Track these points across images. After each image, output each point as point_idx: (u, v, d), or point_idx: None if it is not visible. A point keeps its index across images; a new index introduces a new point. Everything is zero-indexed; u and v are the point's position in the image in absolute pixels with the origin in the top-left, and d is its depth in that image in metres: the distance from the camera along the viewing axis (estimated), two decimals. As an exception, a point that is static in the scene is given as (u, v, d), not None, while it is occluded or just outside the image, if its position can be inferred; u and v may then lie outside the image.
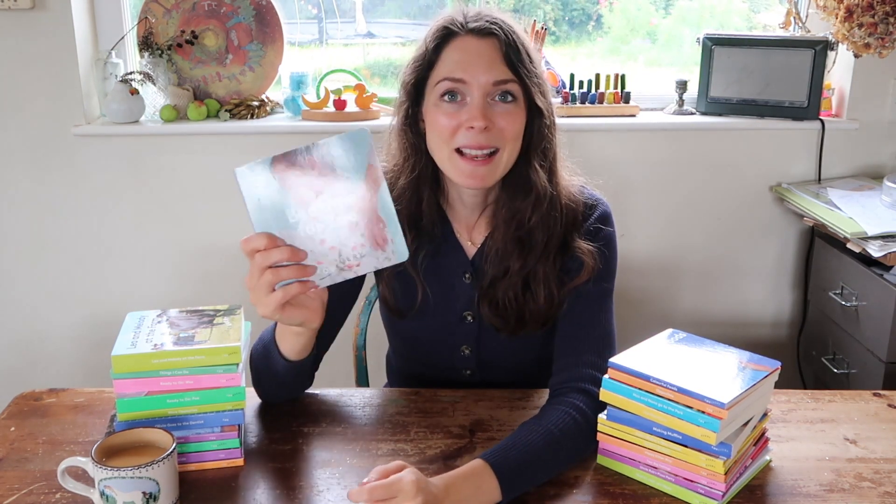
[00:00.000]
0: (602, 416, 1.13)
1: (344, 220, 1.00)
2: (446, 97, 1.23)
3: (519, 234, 1.28)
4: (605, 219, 1.33)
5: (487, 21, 1.24)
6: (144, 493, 0.99)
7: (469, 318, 1.34)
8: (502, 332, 1.31)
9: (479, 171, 1.23)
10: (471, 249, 1.35)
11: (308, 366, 1.24)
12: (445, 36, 1.25)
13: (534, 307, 1.29)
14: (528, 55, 1.24)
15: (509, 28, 1.24)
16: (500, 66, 1.22)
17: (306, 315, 1.08)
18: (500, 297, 1.29)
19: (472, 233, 1.35)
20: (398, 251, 1.02)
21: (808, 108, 2.34)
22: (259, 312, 1.04)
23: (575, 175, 1.37)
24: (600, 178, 1.40)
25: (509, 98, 1.23)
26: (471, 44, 1.24)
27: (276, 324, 1.20)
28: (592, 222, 1.32)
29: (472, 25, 1.24)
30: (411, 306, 1.33)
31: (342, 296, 1.32)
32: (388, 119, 1.37)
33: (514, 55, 1.22)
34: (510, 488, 1.05)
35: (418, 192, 1.30)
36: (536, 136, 1.27)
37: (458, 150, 1.23)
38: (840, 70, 2.41)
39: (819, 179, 2.41)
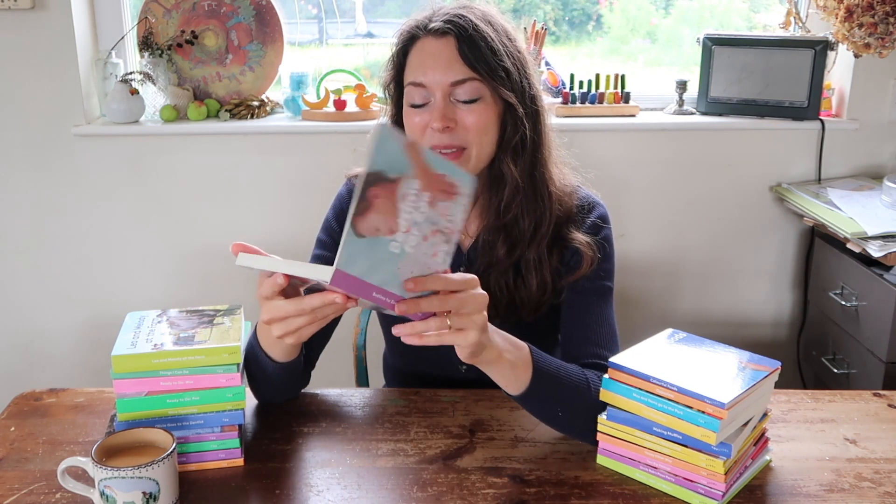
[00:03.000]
0: (602, 416, 1.13)
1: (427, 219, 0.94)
2: (413, 102, 1.25)
3: (502, 223, 1.29)
4: (604, 218, 1.35)
5: (444, 20, 1.23)
6: (144, 493, 0.99)
7: None
8: (495, 319, 1.31)
9: None
10: (466, 243, 1.36)
11: (298, 367, 1.24)
12: (408, 40, 1.27)
13: (525, 294, 1.30)
14: (492, 49, 1.23)
15: (468, 23, 1.22)
16: (457, 66, 1.22)
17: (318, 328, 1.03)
18: (492, 285, 1.30)
19: (466, 227, 1.36)
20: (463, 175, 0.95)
21: (808, 108, 2.34)
22: (275, 334, 1.01)
23: (572, 173, 1.37)
24: (592, 173, 1.40)
25: (471, 98, 1.23)
26: (429, 45, 1.24)
27: (256, 328, 1.20)
28: (591, 221, 1.33)
29: (430, 26, 1.24)
30: None
31: None
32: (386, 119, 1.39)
33: (471, 52, 1.22)
34: (539, 373, 1.12)
35: None
36: (510, 130, 1.27)
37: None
38: (840, 70, 2.41)
39: (819, 179, 2.41)
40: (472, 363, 1.06)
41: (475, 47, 1.22)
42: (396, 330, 0.97)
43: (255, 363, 1.22)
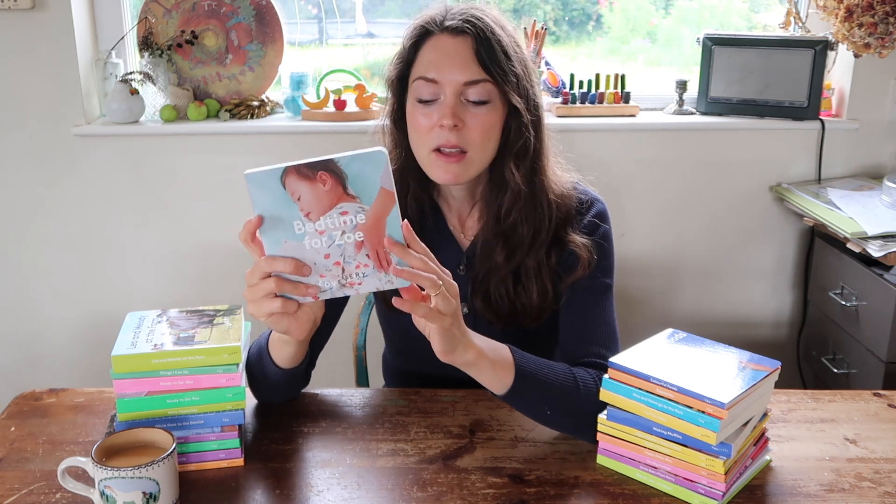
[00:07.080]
0: (602, 416, 1.13)
1: (351, 237, 0.99)
2: (422, 97, 1.25)
3: (501, 229, 1.29)
4: (602, 216, 1.34)
5: (462, 19, 1.23)
6: (144, 493, 0.99)
7: (464, 309, 1.35)
8: (496, 326, 1.32)
9: (452, 168, 1.24)
10: (464, 241, 1.36)
11: (299, 374, 1.24)
12: (422, 35, 1.26)
13: (526, 301, 1.30)
14: (506, 53, 1.23)
15: (485, 25, 1.23)
16: (472, 66, 1.22)
17: (293, 326, 1.07)
18: (492, 291, 1.30)
19: (465, 225, 1.36)
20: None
21: (808, 108, 2.34)
22: (248, 310, 1.05)
23: (569, 172, 1.37)
24: (592, 175, 1.40)
25: (481, 100, 1.23)
26: (444, 43, 1.24)
27: (270, 331, 1.21)
28: (589, 219, 1.33)
29: (447, 24, 1.24)
30: None
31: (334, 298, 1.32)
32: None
33: (486, 54, 1.22)
34: (522, 373, 1.13)
35: (405, 184, 1.32)
36: (514, 135, 1.27)
37: (436, 149, 1.24)
38: (840, 70, 2.41)
39: (819, 179, 2.41)
40: (449, 361, 1.08)
41: (491, 50, 1.22)
42: (396, 301, 1.01)
43: (258, 366, 1.22)
